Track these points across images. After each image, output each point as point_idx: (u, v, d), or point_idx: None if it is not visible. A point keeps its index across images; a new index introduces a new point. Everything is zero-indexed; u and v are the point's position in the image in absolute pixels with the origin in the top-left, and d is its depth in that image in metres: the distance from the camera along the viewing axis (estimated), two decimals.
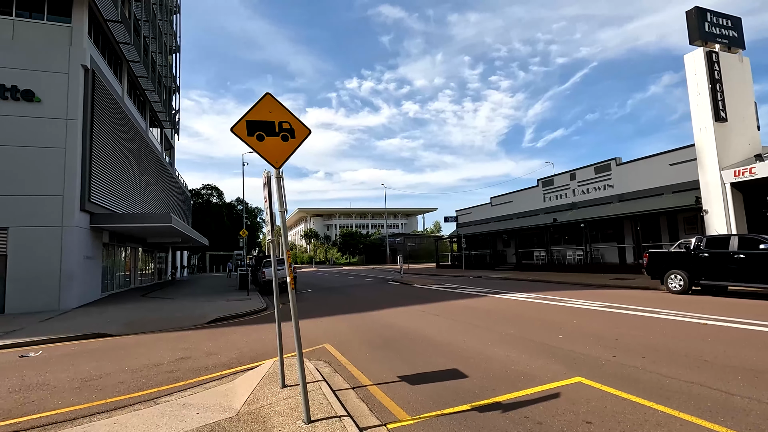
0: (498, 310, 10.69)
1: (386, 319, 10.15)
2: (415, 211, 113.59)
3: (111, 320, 11.79)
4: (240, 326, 10.52)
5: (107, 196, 17.63)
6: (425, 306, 12.18)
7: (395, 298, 15.03)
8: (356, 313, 11.57)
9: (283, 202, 4.05)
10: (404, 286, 19.71)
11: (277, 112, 4.18)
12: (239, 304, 14.84)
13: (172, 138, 37.07)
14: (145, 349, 8.01)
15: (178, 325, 10.90)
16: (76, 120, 15.34)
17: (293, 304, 4.03)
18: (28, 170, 14.60)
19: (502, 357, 6.02)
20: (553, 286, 16.56)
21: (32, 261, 14.33)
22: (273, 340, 8.33)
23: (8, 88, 14.67)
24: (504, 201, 33.97)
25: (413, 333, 8.22)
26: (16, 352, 8.48)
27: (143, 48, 22.68)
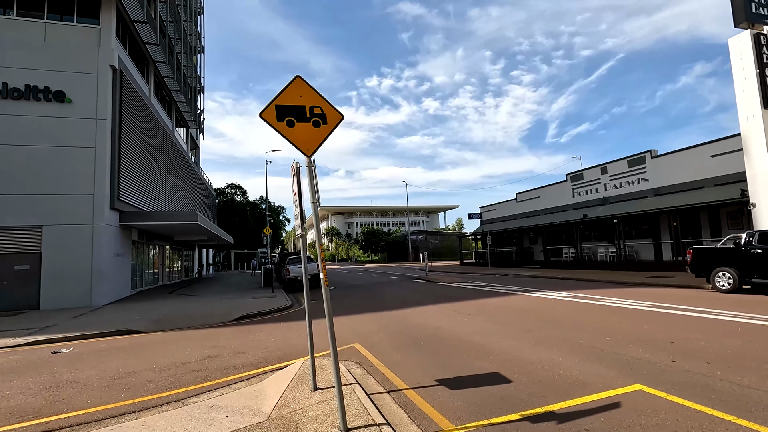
0: (533, 310, 10.19)
1: (416, 318, 9.80)
2: (437, 209, 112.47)
3: (140, 317, 11.88)
4: (266, 324, 10.38)
5: (135, 195, 17.90)
6: (455, 305, 11.77)
7: (423, 296, 14.67)
8: (384, 311, 11.27)
9: (315, 193, 3.75)
10: (430, 284, 19.31)
11: (307, 96, 3.89)
12: (264, 301, 14.78)
13: (197, 137, 37.68)
14: (173, 347, 7.93)
15: (205, 323, 10.86)
16: (105, 120, 15.58)
17: (327, 303, 3.73)
18: (59, 169, 14.91)
19: (546, 360, 5.59)
20: (587, 284, 15.85)
21: (65, 258, 14.64)
22: (300, 339, 8.12)
23: (41, 89, 15.01)
24: (530, 197, 33.03)
25: (446, 333, 7.84)
26: (50, 348, 8.57)
27: (169, 49, 22.99)
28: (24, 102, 14.86)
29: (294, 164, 4.82)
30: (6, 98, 14.69)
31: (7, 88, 14.69)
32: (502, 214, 36.90)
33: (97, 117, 15.47)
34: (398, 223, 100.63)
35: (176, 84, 25.37)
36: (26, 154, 14.68)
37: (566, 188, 29.22)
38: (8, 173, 14.44)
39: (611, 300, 11.05)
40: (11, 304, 14.16)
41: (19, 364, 7.18)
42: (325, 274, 3.70)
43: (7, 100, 14.71)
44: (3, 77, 14.69)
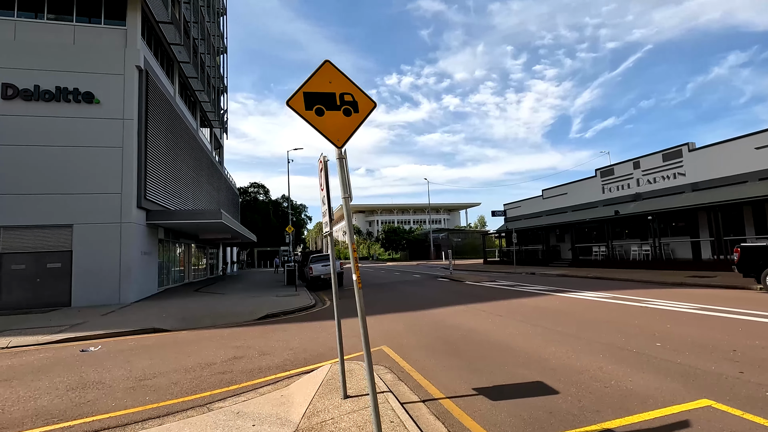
0: (571, 312, 9.65)
1: (446, 319, 9.43)
2: (458, 207, 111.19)
3: (166, 315, 11.92)
4: (291, 323, 10.21)
5: (161, 194, 18.12)
6: (485, 305, 11.33)
7: (449, 295, 14.25)
8: (411, 311, 10.94)
9: (347, 188, 3.45)
10: (455, 283, 18.85)
11: (338, 82, 3.59)
12: (288, 300, 14.67)
13: (221, 137, 38.18)
14: (198, 347, 7.82)
15: (230, 321, 10.78)
16: (132, 120, 15.78)
17: (360, 306, 3.43)
18: (88, 169, 15.18)
19: (594, 369, 5.14)
20: (622, 285, 15.08)
21: (94, 257, 14.91)
22: (326, 340, 7.88)
23: (71, 91, 15.30)
24: (557, 193, 32.02)
25: (480, 336, 7.44)
26: (79, 346, 8.61)
27: (193, 49, 23.22)
28: (54, 103, 15.18)
29: (321, 158, 4.53)
30: (38, 100, 15.04)
31: (39, 90, 15.04)
32: (527, 212, 35.95)
33: (124, 117, 15.67)
34: (419, 221, 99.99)
35: (200, 84, 25.65)
36: (57, 155, 15.00)
37: (595, 184, 28.14)
38: (40, 173, 14.79)
39: (654, 301, 10.39)
40: (44, 301, 14.50)
41: (49, 362, 7.19)
42: (358, 275, 3.39)
43: (39, 102, 15.06)
44: (35, 80, 15.04)
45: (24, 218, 14.55)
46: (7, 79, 14.84)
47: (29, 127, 14.89)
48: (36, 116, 14.98)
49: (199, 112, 29.20)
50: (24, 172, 14.68)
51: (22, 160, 14.69)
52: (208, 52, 27.74)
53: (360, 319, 3.41)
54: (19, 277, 14.45)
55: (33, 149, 14.82)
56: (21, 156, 14.70)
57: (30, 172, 14.71)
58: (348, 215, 3.50)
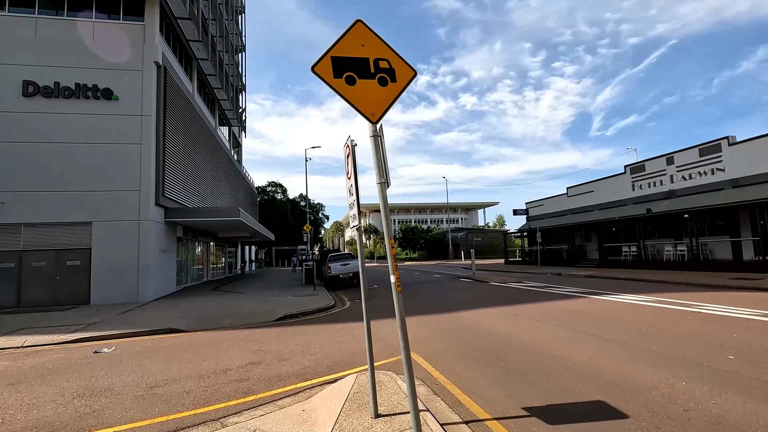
0: (612, 317, 8.86)
1: (476, 323, 8.77)
2: (476, 206, 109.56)
3: (183, 314, 11.60)
4: (310, 325, 9.71)
5: (180, 191, 17.94)
6: (516, 308, 10.61)
7: (476, 297, 13.55)
8: (436, 314, 10.31)
9: (383, 172, 2.87)
10: (480, 284, 18.09)
11: (372, 46, 3.02)
12: (307, 300, 14.22)
13: (239, 136, 38.20)
14: (214, 350, 7.37)
15: (248, 322, 10.36)
16: (150, 116, 15.59)
17: (399, 310, 2.85)
18: (107, 166, 15.05)
19: (663, 386, 4.43)
20: (658, 287, 14.10)
21: (113, 254, 14.76)
22: (349, 344, 7.33)
23: (90, 87, 15.20)
24: (583, 191, 30.79)
25: (518, 343, 6.77)
26: (93, 346, 8.30)
27: (211, 46, 23.07)
28: (74, 100, 15.10)
29: (348, 142, 3.97)
30: (58, 97, 14.98)
31: (59, 87, 14.98)
32: (550, 210, 34.76)
33: (142, 114, 15.49)
34: (436, 221, 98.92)
35: (219, 82, 25.52)
36: (76, 152, 14.91)
37: (625, 181, 26.88)
38: (60, 171, 14.72)
39: (704, 306, 9.49)
40: (64, 299, 14.42)
41: (60, 364, 6.86)
42: (397, 276, 2.81)
43: (59, 99, 15.00)
44: (55, 76, 14.99)
45: (44, 215, 14.50)
46: (28, 76, 14.82)
47: (49, 124, 14.83)
48: (56, 113, 14.92)
49: (218, 111, 29.14)
50: (44, 169, 14.62)
51: (42, 157, 14.65)
52: (226, 50, 27.64)
53: (400, 330, 2.83)
54: (39, 275, 14.40)
55: (53, 146, 14.76)
56: (41, 153, 14.66)
57: (50, 170, 14.65)
58: (384, 204, 2.92)
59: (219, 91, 27.06)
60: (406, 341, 2.86)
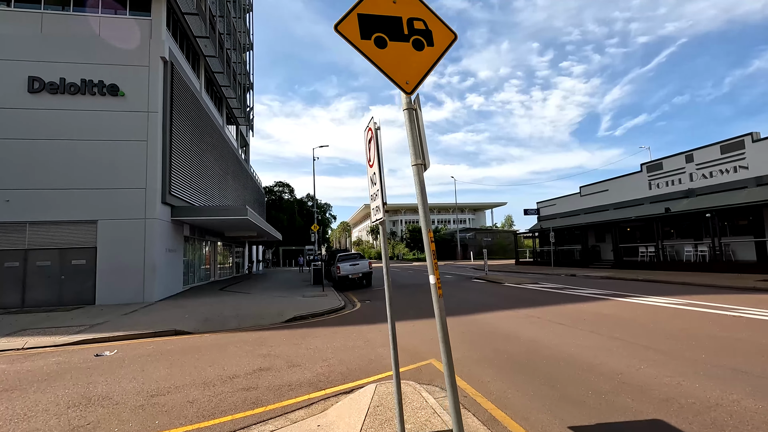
0: (643, 321, 8.30)
1: (498, 327, 8.25)
2: (483, 206, 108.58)
3: (189, 315, 11.22)
4: (321, 327, 9.26)
5: (187, 190, 17.61)
6: (538, 311, 10.06)
7: (493, 298, 13.02)
8: (453, 316, 9.80)
9: (420, 151, 2.39)
10: (494, 285, 17.53)
11: (405, 3, 2.54)
12: (316, 300, 13.78)
13: (247, 135, 37.94)
14: (221, 354, 6.95)
15: (256, 324, 9.95)
16: (156, 113, 15.27)
17: (441, 318, 2.37)
18: (113, 164, 14.75)
19: (729, 403, 3.90)
20: (683, 289, 13.46)
21: (119, 254, 14.45)
22: (364, 349, 6.87)
23: (95, 83, 14.92)
24: (596, 190, 30.05)
25: (549, 351, 6.24)
26: (95, 348, 7.93)
27: (219, 43, 22.76)
28: (80, 96, 14.83)
29: (371, 124, 3.49)
30: (63, 93, 14.72)
31: (65, 83, 14.71)
32: (562, 210, 34.04)
33: (148, 110, 15.18)
34: (443, 221, 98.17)
35: (226, 79, 25.23)
36: (81, 149, 14.63)
37: (641, 180, 26.12)
38: (65, 168, 14.44)
39: (739, 309, 8.88)
40: (69, 299, 14.14)
41: (59, 368, 6.48)
42: (438, 277, 2.34)
43: (65, 95, 14.73)
44: (61, 72, 14.72)
45: (49, 214, 14.23)
46: (33, 72, 14.57)
47: (55, 120, 14.57)
48: (61, 110, 14.65)
49: (225, 109, 28.87)
50: (49, 166, 14.36)
51: (48, 154, 14.38)
52: (234, 47, 27.33)
53: (442, 343, 2.36)
54: (44, 274, 14.13)
55: (58, 143, 14.49)
56: (46, 150, 14.39)
57: (55, 167, 14.38)
58: (422, 190, 2.45)
59: (227, 89, 26.77)
60: (448, 355, 2.39)
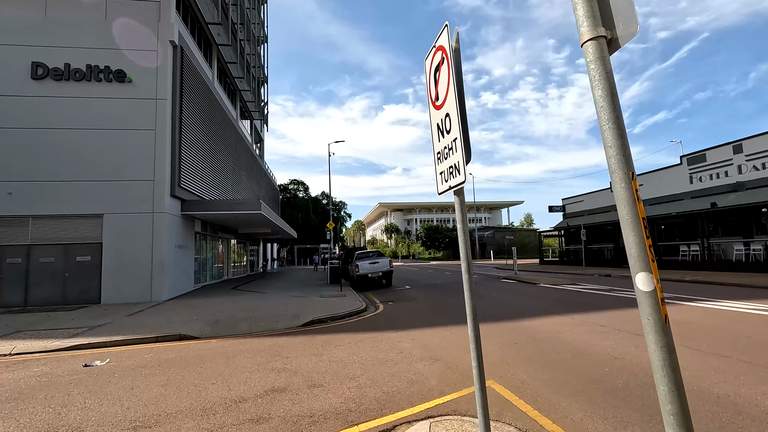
0: (733, 331, 6.87)
1: (558, 337, 6.93)
2: (499, 205, 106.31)
3: (197, 317, 10.19)
4: (343, 333, 8.08)
5: (197, 183, 16.68)
6: (595, 316, 8.68)
7: (534, 301, 11.65)
8: (495, 322, 8.51)
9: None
10: (529, 286, 16.10)
11: None
12: (335, 302, 12.64)
13: (261, 130, 37.14)
14: (228, 367, 5.82)
15: (269, 328, 8.84)
16: (165, 100, 14.34)
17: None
18: (119, 154, 13.87)
19: None
20: (746, 292, 11.87)
21: (125, 249, 13.57)
22: (397, 363, 5.64)
23: (101, 69, 14.06)
24: None
25: (641, 369, 4.90)
26: (87, 356, 6.92)
27: (231, 32, 21.83)
28: (85, 83, 13.99)
29: (442, 40, 2.26)
30: (68, 80, 13.89)
31: (69, 69, 13.88)
32: (590, 206, 32.25)
33: (156, 97, 14.26)
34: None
35: (240, 71, 24.34)
36: (87, 139, 13.79)
37: (681, 173, 24.27)
38: (70, 159, 13.62)
39: None
40: (73, 297, 13.31)
41: (38, 382, 5.44)
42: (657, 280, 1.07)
43: (69, 82, 13.91)
44: (65, 58, 13.90)
45: (53, 207, 13.42)
46: (37, 57, 13.77)
47: (59, 108, 13.75)
48: (66, 97, 13.83)
49: (239, 102, 28.01)
50: (53, 157, 13.55)
51: (51, 144, 13.58)
52: (247, 38, 26.43)
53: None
54: (48, 271, 13.31)
55: (62, 133, 13.67)
56: (50, 140, 13.59)
57: (59, 158, 13.57)
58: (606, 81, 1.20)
59: (240, 81, 25.90)
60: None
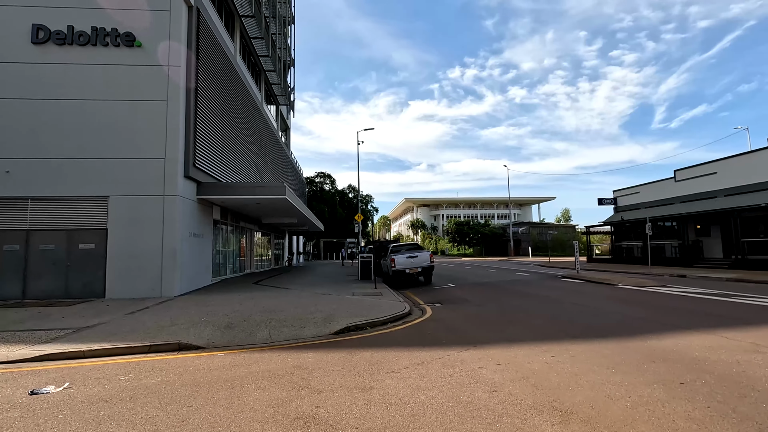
0: None
1: (732, 369, 4.52)
2: (530, 201, 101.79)
3: (208, 318, 8.27)
4: (393, 349, 5.92)
5: (215, 164, 14.89)
6: (749, 334, 6.18)
7: (637, 309, 9.14)
8: (608, 339, 6.13)
9: None
10: (606, 287, 13.45)
11: None
12: (371, 302, 10.52)
13: (287, 117, 35.46)
14: (229, 408, 3.74)
15: (294, 336, 6.81)
16: (178, 67, 12.54)
17: None
18: (127, 128, 12.18)
19: None
20: None
21: (132, 238, 11.89)
22: (500, 416, 3.36)
23: (108, 32, 12.37)
24: (699, 174, 24.81)
25: None
26: (48, 374, 5.05)
27: (256, 3, 19.97)
28: (90, 48, 12.34)
29: None
30: (72, 44, 12.28)
31: (73, 32, 12.26)
32: (648, 199, 28.89)
33: (169, 63, 12.46)
34: (486, 216, 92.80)
35: (265, 48, 22.51)
36: (91, 111, 12.16)
37: (764, 159, 20.85)
38: (73, 133, 12.02)
39: None
40: (76, 290, 11.73)
41: None
42: None
43: (73, 47, 12.29)
44: (68, 19, 12.29)
45: (54, 188, 11.86)
46: (37, 19, 12.20)
47: (61, 77, 12.17)
48: (69, 64, 12.23)
49: (264, 85, 26.24)
50: (55, 131, 11.98)
51: (53, 116, 12.01)
52: (273, 15, 24.58)
53: None
54: (48, 260, 11.77)
55: (65, 104, 12.09)
56: (52, 112, 12.03)
57: (61, 132, 11.99)
58: None
59: (266, 61, 24.10)
60: None
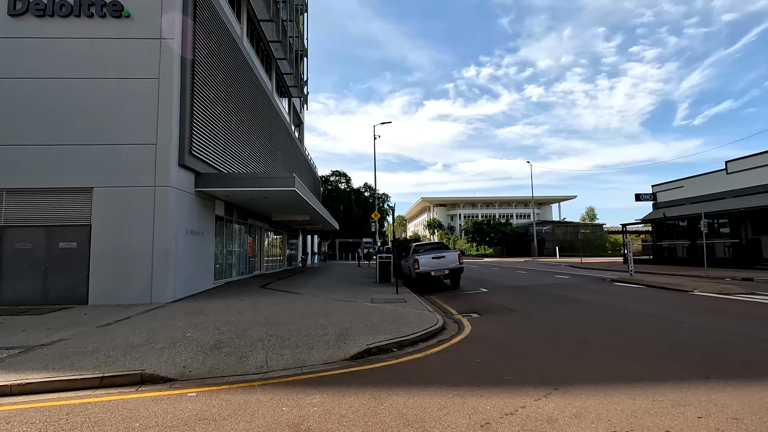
0: None
1: None
2: (549, 200, 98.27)
3: (194, 334, 6.58)
4: (436, 393, 4.08)
5: (216, 152, 13.29)
6: None
7: (758, 326, 7.12)
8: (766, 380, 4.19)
9: None
10: (681, 295, 11.23)
11: None
12: (394, 311, 8.68)
13: (300, 111, 33.94)
14: None
15: (298, 362, 5.06)
16: (172, 39, 10.96)
17: None
18: (114, 109, 10.66)
19: None
20: None
21: (120, 234, 10.35)
22: None
23: (93, 1, 10.89)
24: (754, 165, 22.19)
25: None
26: None
27: None
28: (74, 20, 10.87)
29: None
30: (53, 15, 10.83)
31: (54, 2, 10.81)
32: (694, 193, 26.27)
33: (161, 36, 10.91)
34: (504, 215, 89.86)
35: (275, 33, 20.92)
36: (75, 90, 10.67)
37: None
38: (53, 116, 10.56)
39: None
40: (56, 295, 10.24)
41: None
42: None
43: (55, 19, 10.84)
44: None
45: (32, 179, 10.40)
46: None
47: (41, 53, 10.73)
48: (50, 38, 10.79)
49: (275, 74, 24.68)
50: (33, 113, 10.53)
51: (31, 98, 10.57)
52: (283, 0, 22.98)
53: None
54: (25, 261, 10.32)
55: (45, 83, 10.64)
56: (29, 93, 10.59)
57: (41, 114, 10.54)
58: None
59: (276, 48, 22.52)
60: None
